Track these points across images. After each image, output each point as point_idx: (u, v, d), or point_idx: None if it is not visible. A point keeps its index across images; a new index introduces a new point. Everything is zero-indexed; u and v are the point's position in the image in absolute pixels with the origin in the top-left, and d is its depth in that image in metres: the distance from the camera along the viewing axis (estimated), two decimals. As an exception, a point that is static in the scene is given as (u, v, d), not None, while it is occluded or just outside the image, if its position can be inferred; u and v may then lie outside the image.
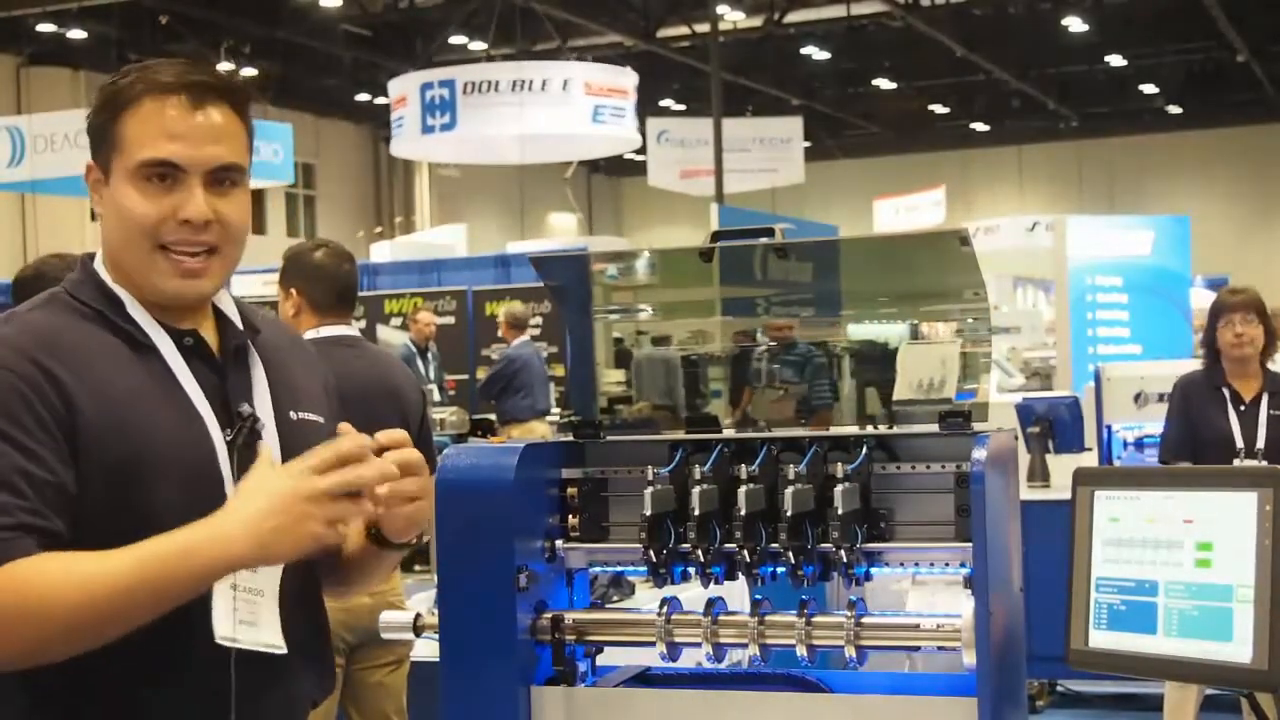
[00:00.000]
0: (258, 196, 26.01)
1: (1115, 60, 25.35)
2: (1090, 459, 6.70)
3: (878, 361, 2.94)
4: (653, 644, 2.67)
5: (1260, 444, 5.10)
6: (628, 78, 18.71)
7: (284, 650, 1.88)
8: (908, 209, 25.12)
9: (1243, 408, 5.16)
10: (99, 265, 1.94)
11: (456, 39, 22.96)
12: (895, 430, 2.78)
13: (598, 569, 3.00)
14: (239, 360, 1.95)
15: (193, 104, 1.86)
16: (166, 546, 1.69)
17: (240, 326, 1.98)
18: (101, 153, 1.89)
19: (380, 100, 23.05)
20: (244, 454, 1.86)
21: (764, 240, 2.81)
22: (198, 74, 1.88)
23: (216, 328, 1.95)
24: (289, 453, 1.91)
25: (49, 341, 1.81)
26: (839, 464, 2.59)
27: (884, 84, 27.30)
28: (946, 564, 2.64)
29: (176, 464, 1.80)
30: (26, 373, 1.76)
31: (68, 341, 1.82)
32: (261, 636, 1.87)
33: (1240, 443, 5.10)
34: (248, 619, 1.84)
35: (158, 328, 1.88)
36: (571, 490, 2.82)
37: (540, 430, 10.69)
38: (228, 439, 1.86)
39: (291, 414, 1.98)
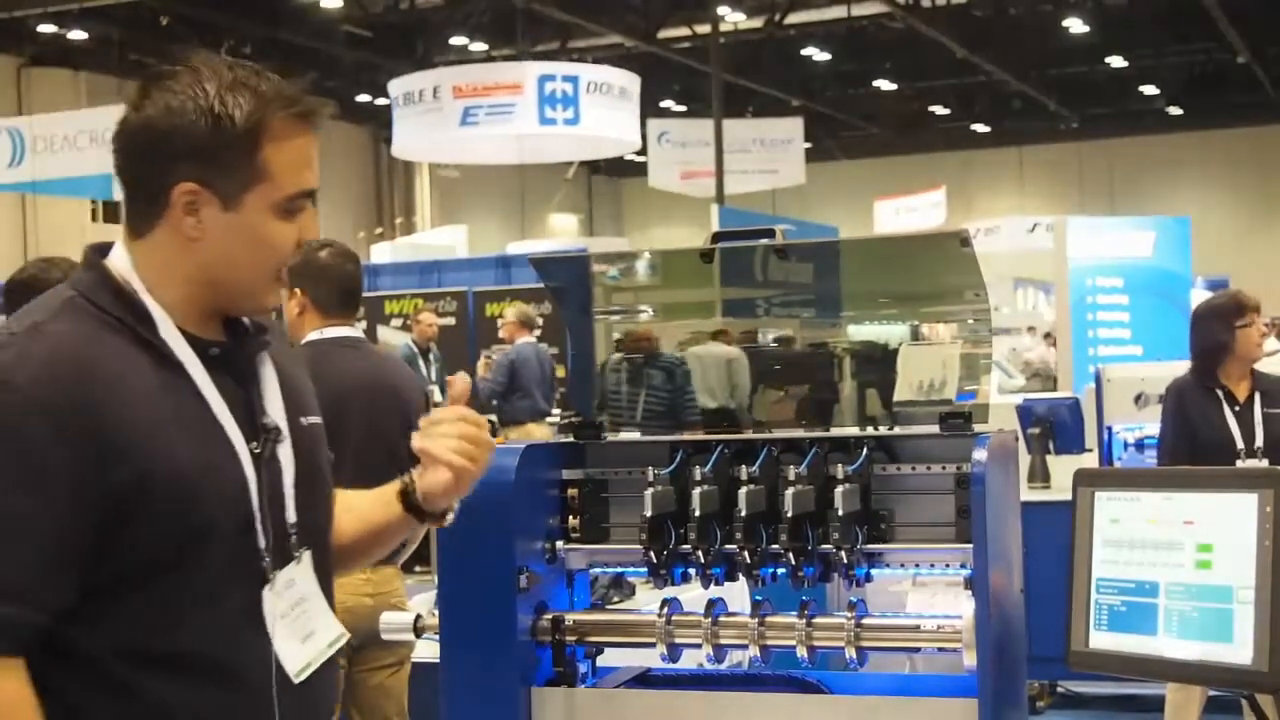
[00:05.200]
0: (258, 197, 25.94)
1: (1115, 61, 25.33)
2: (1091, 460, 6.69)
3: (878, 363, 2.94)
4: (653, 645, 2.68)
5: (1259, 443, 5.10)
6: (515, 72, 18.23)
7: (347, 634, 1.95)
8: (908, 210, 25.09)
9: (1238, 408, 5.16)
10: (125, 270, 1.85)
11: (457, 40, 22.97)
12: (896, 431, 2.78)
13: (598, 570, 3.01)
14: (254, 367, 1.92)
15: (316, 129, 1.87)
16: None
17: (251, 331, 1.94)
18: (227, 179, 1.80)
19: (381, 101, 23.05)
20: (268, 465, 1.85)
21: (764, 241, 2.82)
22: (315, 97, 1.87)
23: (224, 331, 1.91)
24: (302, 459, 1.92)
25: (75, 365, 1.73)
26: (839, 465, 2.60)
27: (884, 85, 27.29)
28: (947, 565, 2.65)
29: (212, 483, 1.78)
30: (55, 408, 1.69)
31: (95, 363, 1.74)
32: (326, 638, 1.91)
33: (1240, 443, 5.11)
34: (306, 632, 1.88)
35: (183, 342, 1.83)
36: (572, 491, 2.82)
37: (538, 434, 10.58)
38: (255, 451, 1.84)
39: (302, 420, 1.96)
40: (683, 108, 27.62)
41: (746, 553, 2.60)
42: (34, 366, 1.71)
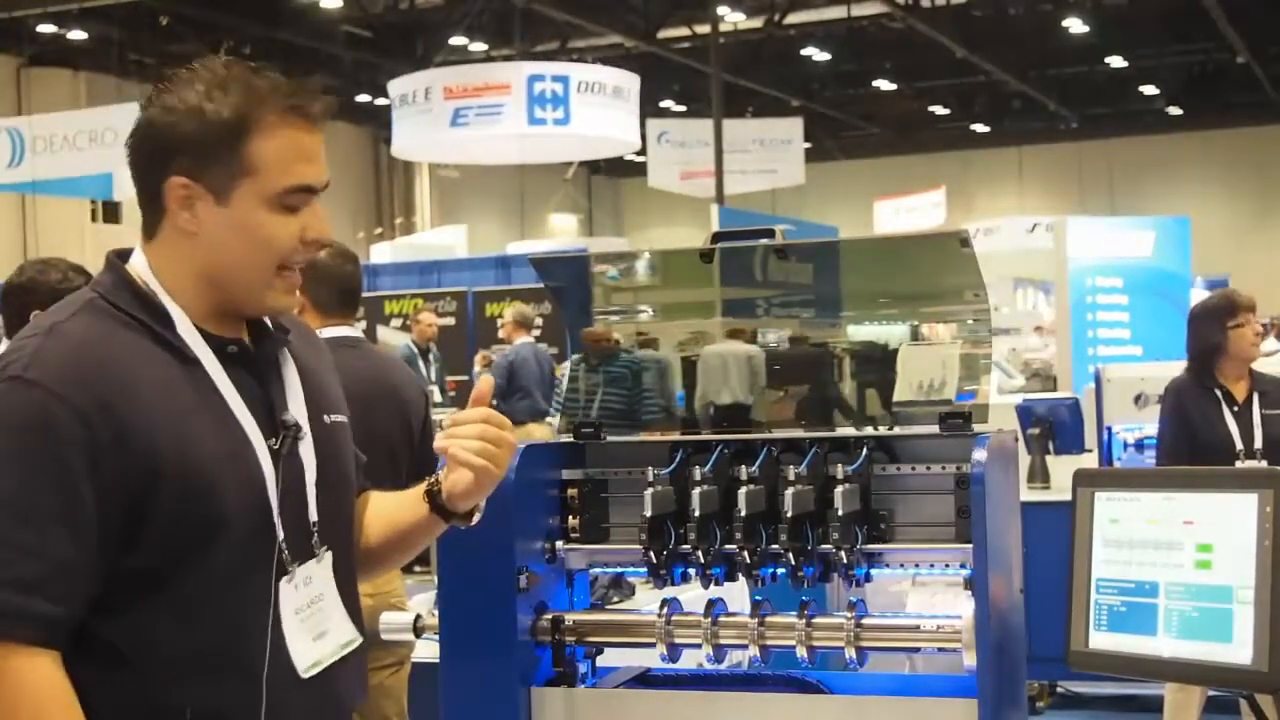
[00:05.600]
0: (258, 197, 25.92)
1: (1115, 61, 25.34)
2: (1090, 460, 6.69)
3: (878, 363, 2.94)
4: (653, 645, 2.68)
5: (1258, 444, 5.09)
6: (505, 72, 18.40)
7: (361, 637, 1.95)
8: (908, 210, 25.09)
9: (1236, 408, 5.15)
10: (142, 272, 1.88)
11: (457, 40, 22.97)
12: (896, 431, 2.78)
13: (598, 570, 3.01)
14: (276, 365, 1.94)
15: (314, 125, 1.88)
16: None
17: (272, 330, 1.97)
18: (215, 172, 1.83)
19: (380, 101, 23.05)
20: (288, 462, 1.87)
21: (764, 241, 2.82)
22: (312, 92, 1.88)
23: (249, 332, 1.94)
24: (324, 458, 1.93)
25: (96, 361, 1.77)
26: (839, 465, 2.60)
27: (884, 85, 27.29)
28: (947, 565, 2.65)
29: (230, 477, 1.80)
30: (77, 404, 1.73)
31: (114, 360, 1.79)
32: (338, 639, 1.92)
33: (1239, 444, 5.09)
34: (319, 631, 1.89)
35: (200, 340, 1.86)
36: (572, 491, 2.82)
37: (538, 434, 10.60)
38: (274, 447, 1.85)
39: (325, 418, 1.98)
40: (682, 108, 27.62)
41: (746, 553, 2.60)
42: (56, 365, 1.75)
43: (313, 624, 1.88)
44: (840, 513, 2.55)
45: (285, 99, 1.84)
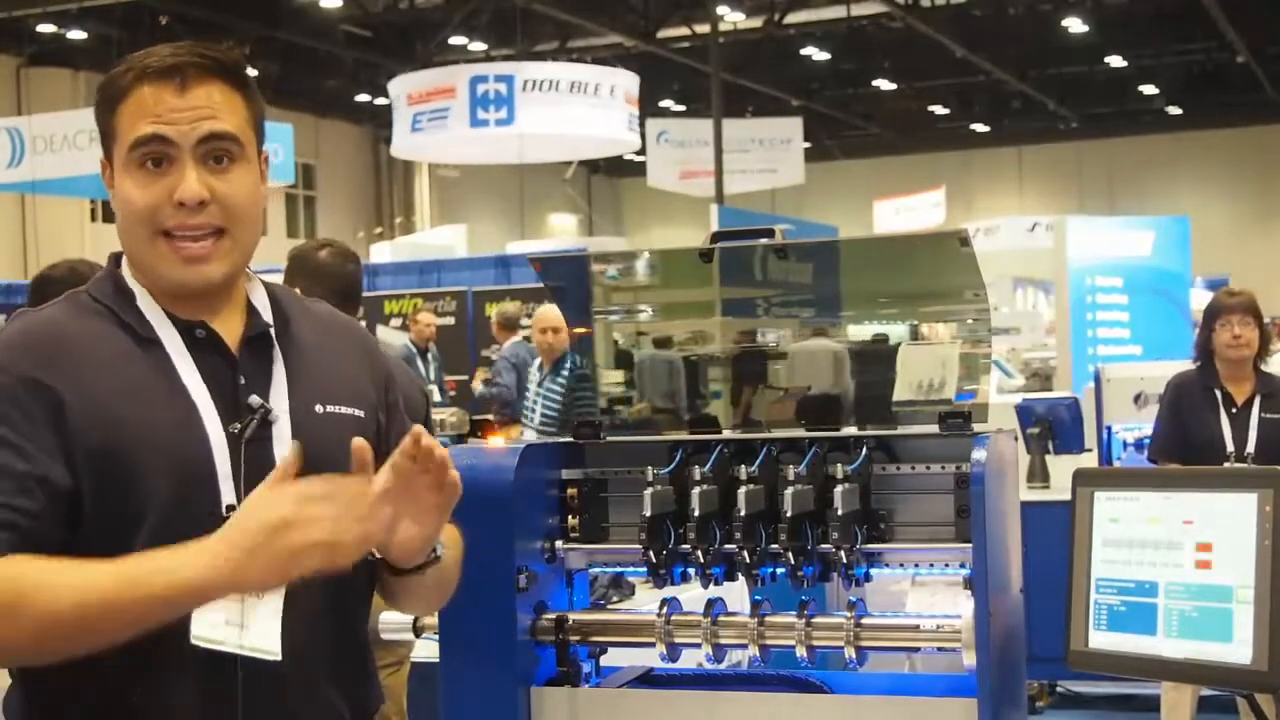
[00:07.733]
0: (258, 197, 25.93)
1: (1115, 61, 25.36)
2: (1090, 460, 6.69)
3: (876, 362, 2.94)
4: (653, 645, 2.67)
5: (1251, 447, 5.06)
6: (449, 76, 18.73)
7: (277, 657, 1.77)
8: (907, 210, 25.12)
9: (1234, 410, 5.12)
10: (124, 260, 1.90)
11: (456, 39, 22.97)
12: (895, 431, 2.78)
13: (598, 569, 3.01)
14: (257, 352, 1.88)
15: (181, 83, 1.82)
16: (148, 564, 1.64)
17: (266, 316, 1.90)
18: (107, 147, 1.86)
19: (380, 100, 23.06)
20: (254, 449, 1.81)
21: (764, 241, 2.81)
22: (186, 54, 1.83)
23: (247, 318, 1.89)
24: (312, 446, 1.78)
25: (44, 339, 1.80)
26: (839, 465, 2.59)
27: (884, 85, 27.30)
28: (946, 565, 2.64)
29: (168, 457, 1.76)
30: (18, 371, 1.76)
31: (65, 338, 1.80)
32: (250, 640, 1.77)
33: (1231, 446, 5.07)
34: (237, 620, 1.77)
35: (165, 320, 1.83)
36: (571, 491, 2.82)
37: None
38: (234, 431, 1.80)
39: (317, 407, 1.88)
40: (682, 107, 27.64)
41: (746, 552, 2.60)
42: (4, 344, 1.80)
43: (232, 608, 1.75)
44: (840, 512, 2.54)
45: (141, 63, 1.83)
